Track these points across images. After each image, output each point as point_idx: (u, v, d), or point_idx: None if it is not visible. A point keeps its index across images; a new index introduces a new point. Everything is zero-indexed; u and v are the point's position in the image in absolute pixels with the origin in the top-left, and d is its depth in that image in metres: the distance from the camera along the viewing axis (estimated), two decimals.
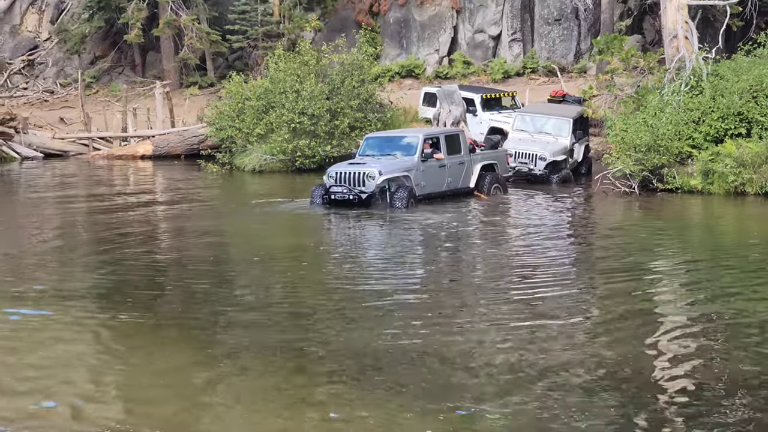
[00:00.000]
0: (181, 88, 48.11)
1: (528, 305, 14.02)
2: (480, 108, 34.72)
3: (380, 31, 48.66)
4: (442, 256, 18.69)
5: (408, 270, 17.22)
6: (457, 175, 25.36)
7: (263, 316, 13.74)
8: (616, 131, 27.10)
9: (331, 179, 24.01)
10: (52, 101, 49.83)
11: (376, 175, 23.54)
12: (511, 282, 15.89)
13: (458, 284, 16.06)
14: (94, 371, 11.39)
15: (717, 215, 23.61)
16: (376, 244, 20.41)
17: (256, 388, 10.67)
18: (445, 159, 25.00)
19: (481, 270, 17.22)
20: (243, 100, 34.60)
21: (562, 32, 47.02)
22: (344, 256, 18.59)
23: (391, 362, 11.41)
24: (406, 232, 21.29)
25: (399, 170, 24.07)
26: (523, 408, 9.89)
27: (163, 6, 47.92)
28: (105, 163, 37.18)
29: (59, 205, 26.68)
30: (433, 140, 25.09)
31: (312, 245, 20.03)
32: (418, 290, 15.39)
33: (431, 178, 24.70)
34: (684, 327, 12.88)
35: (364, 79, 34.17)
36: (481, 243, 20.28)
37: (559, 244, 19.67)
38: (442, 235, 20.85)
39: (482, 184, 25.64)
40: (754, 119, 25.78)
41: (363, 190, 23.53)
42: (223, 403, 10.25)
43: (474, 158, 25.88)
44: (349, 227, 22.17)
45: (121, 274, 16.92)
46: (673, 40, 28.86)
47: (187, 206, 25.91)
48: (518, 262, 17.65)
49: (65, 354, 12.07)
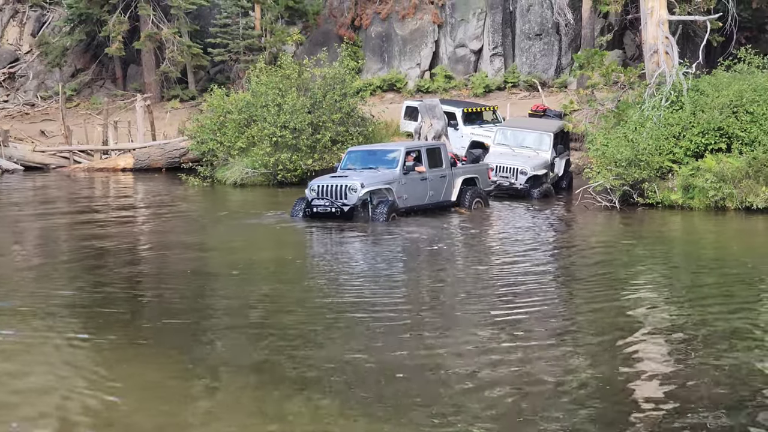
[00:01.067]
0: (162, 101, 48.05)
1: (506, 322, 13.98)
2: (461, 122, 34.76)
3: (362, 45, 48.71)
4: (422, 272, 18.63)
5: (385, 285, 17.15)
6: (438, 188, 25.42)
7: (237, 332, 13.66)
8: (596, 146, 27.14)
9: (313, 192, 24.08)
10: (32, 114, 49.70)
11: (358, 187, 23.60)
12: (490, 298, 15.84)
13: (437, 300, 16.00)
14: (63, 389, 11.27)
15: (697, 230, 23.63)
16: (356, 258, 20.32)
17: (232, 404, 10.59)
18: (427, 172, 25.06)
19: (461, 285, 17.17)
20: (224, 114, 34.58)
21: (543, 47, 47.17)
22: (322, 270, 18.51)
23: (364, 377, 11.36)
24: (387, 245, 21.24)
25: (381, 183, 24.13)
26: (498, 423, 9.85)
27: (144, 19, 47.88)
28: (86, 175, 37.05)
29: (38, 218, 26.50)
30: (414, 153, 25.11)
31: (290, 259, 19.95)
32: (394, 305, 15.32)
33: (413, 191, 24.76)
34: (662, 342, 12.86)
35: (346, 92, 34.17)
36: (461, 258, 20.24)
37: (538, 258, 19.64)
38: (424, 249, 20.80)
39: (463, 198, 25.75)
40: (734, 134, 25.86)
41: (345, 202, 23.61)
42: (199, 420, 10.17)
43: (455, 172, 25.97)
44: (329, 241, 22.10)
45: (97, 288, 16.79)
46: (654, 55, 28.95)
47: (166, 219, 25.82)
48: (498, 277, 17.60)
49: (33, 372, 11.93)
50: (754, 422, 9.74)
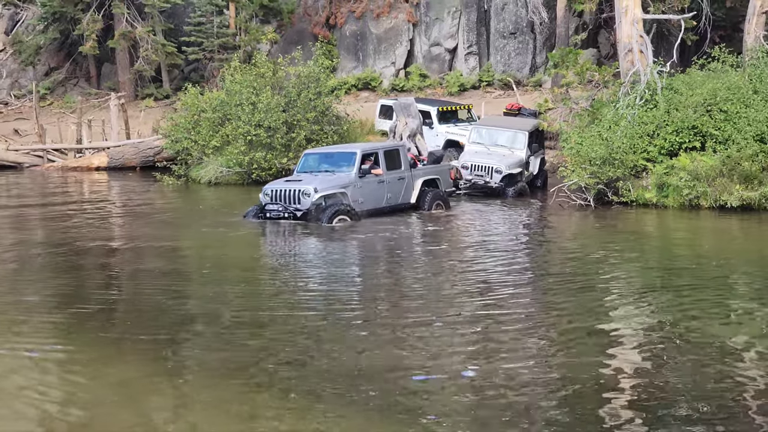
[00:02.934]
0: (136, 100, 47.91)
1: (477, 321, 13.96)
2: (436, 121, 34.76)
3: (336, 43, 48.69)
4: (382, 272, 18.58)
5: (344, 284, 17.16)
6: (396, 190, 25.06)
7: (208, 329, 13.62)
8: (571, 144, 27.15)
9: (266, 197, 23.79)
10: (6, 113, 49.46)
11: (312, 192, 23.24)
12: (460, 296, 15.81)
13: (412, 298, 15.98)
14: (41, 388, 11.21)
15: (671, 228, 23.67)
16: (311, 259, 20.12)
17: (207, 403, 10.54)
18: (384, 175, 24.70)
19: (433, 284, 17.13)
20: (199, 112, 34.47)
21: (518, 46, 47.26)
22: (277, 271, 18.49)
23: (338, 377, 11.34)
24: (343, 246, 21.12)
25: (335, 187, 23.78)
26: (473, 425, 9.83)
27: (118, 18, 47.70)
28: (59, 174, 36.85)
29: (10, 217, 26.34)
30: (372, 156, 24.74)
31: (252, 258, 19.92)
32: (354, 305, 15.30)
33: (369, 194, 24.35)
34: (636, 343, 12.86)
35: (321, 91, 34.09)
36: (434, 257, 20.20)
37: (511, 256, 19.62)
38: (386, 250, 20.76)
39: (423, 201, 25.34)
40: (708, 133, 25.91)
41: (298, 207, 23.29)
42: (176, 417, 10.12)
43: (415, 173, 25.58)
44: (285, 242, 21.95)
45: (69, 287, 16.70)
46: (628, 53, 29.00)
47: (138, 218, 25.67)
48: (469, 277, 17.58)
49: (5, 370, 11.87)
50: (738, 413, 9.75)
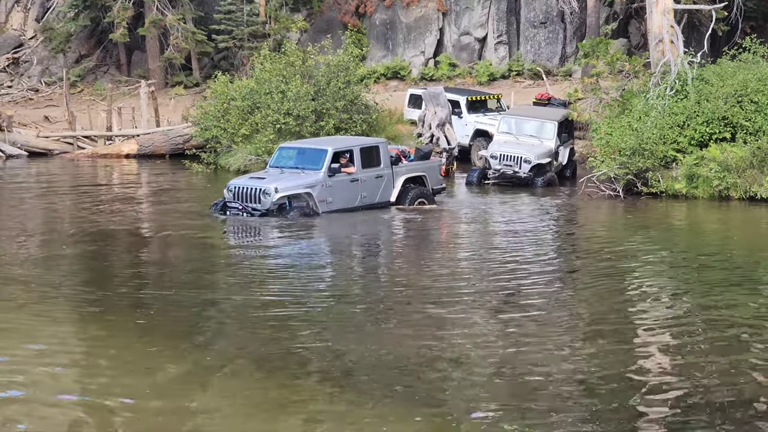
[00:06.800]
0: (166, 88, 47.96)
1: (499, 311, 13.98)
2: (465, 110, 34.67)
3: (366, 32, 48.62)
4: (414, 263, 18.62)
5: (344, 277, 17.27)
6: (373, 189, 23.82)
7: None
8: (600, 135, 27.07)
9: (229, 193, 22.82)
10: (36, 99, 49.61)
11: (272, 192, 22.22)
12: (494, 289, 15.82)
13: (447, 289, 16.01)
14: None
15: (701, 220, 23.61)
16: (288, 254, 19.87)
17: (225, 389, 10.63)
18: (359, 173, 23.49)
19: (460, 272, 17.16)
20: (228, 101, 34.48)
21: (548, 35, 47.05)
22: (240, 263, 18.64)
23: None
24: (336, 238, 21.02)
25: (300, 187, 22.70)
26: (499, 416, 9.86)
27: (148, 5, 47.74)
28: (89, 162, 37.05)
29: (40, 202, 26.56)
30: (346, 153, 23.60)
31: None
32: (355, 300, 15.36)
33: (340, 194, 23.20)
34: (665, 333, 12.85)
35: (350, 80, 34.03)
36: (463, 244, 20.21)
37: (540, 248, 19.61)
38: (401, 239, 20.80)
39: (404, 199, 24.11)
40: (739, 124, 25.79)
41: (257, 207, 22.28)
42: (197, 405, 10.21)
43: (397, 171, 24.29)
44: (256, 237, 21.70)
45: (86, 272, 16.93)
46: (659, 44, 28.87)
47: (164, 206, 25.78)
48: (499, 269, 17.58)
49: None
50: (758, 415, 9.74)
